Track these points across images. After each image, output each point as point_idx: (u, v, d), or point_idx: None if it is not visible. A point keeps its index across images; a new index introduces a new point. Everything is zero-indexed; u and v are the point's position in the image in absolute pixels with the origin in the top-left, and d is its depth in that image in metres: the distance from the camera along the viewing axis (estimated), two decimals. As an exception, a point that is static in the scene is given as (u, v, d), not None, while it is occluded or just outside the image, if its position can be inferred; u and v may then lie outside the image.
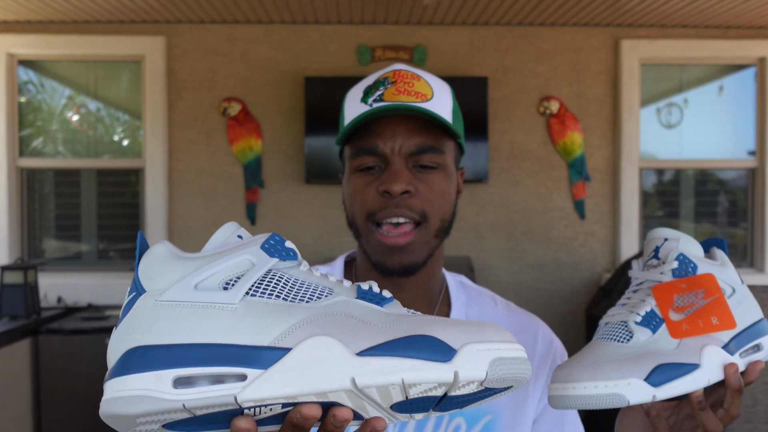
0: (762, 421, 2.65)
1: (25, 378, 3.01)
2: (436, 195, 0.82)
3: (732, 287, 0.71)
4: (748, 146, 3.87)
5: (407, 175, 0.80)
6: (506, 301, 0.96)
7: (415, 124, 0.81)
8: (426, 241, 0.82)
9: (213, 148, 3.68)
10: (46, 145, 3.77)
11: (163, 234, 3.64)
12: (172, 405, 0.44)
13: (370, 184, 0.82)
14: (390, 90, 0.81)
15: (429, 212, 0.82)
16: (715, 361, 0.66)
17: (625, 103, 3.71)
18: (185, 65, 3.66)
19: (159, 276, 0.49)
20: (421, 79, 0.83)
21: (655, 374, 0.64)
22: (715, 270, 0.71)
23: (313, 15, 3.55)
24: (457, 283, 0.95)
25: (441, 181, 0.83)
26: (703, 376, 0.65)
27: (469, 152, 3.61)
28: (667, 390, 0.64)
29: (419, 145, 0.81)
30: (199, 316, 0.46)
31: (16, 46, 3.61)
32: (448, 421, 0.83)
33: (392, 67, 0.86)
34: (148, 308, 0.47)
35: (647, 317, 0.68)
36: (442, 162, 0.83)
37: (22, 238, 3.71)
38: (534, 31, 3.73)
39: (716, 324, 0.67)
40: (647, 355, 0.65)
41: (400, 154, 0.81)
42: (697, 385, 0.65)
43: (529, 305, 3.62)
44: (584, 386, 0.63)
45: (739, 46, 3.73)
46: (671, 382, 0.64)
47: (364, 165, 0.82)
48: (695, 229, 3.93)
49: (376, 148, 0.81)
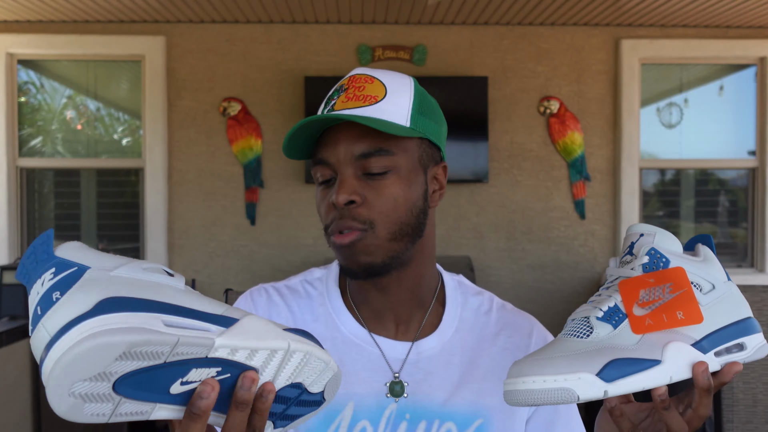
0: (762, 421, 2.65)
1: (25, 378, 3.01)
2: (385, 201, 0.79)
3: (712, 283, 0.67)
4: (748, 146, 3.86)
5: (352, 185, 0.79)
6: (503, 302, 0.95)
7: (359, 130, 0.79)
8: (377, 244, 0.79)
9: (213, 148, 3.68)
10: (46, 145, 3.77)
11: (163, 234, 3.64)
12: (167, 338, 0.49)
13: (325, 197, 0.82)
14: (341, 98, 0.80)
15: (376, 219, 0.79)
16: (681, 358, 0.62)
17: (626, 102, 3.71)
18: (185, 65, 3.66)
19: (97, 259, 0.53)
20: (374, 81, 0.82)
21: (609, 369, 0.61)
22: (692, 265, 0.67)
23: (313, 15, 3.54)
24: (455, 283, 0.94)
25: (392, 185, 0.80)
26: (664, 373, 0.62)
27: (469, 152, 3.61)
28: (621, 386, 0.61)
29: (363, 150, 0.79)
30: (155, 289, 0.53)
31: (16, 46, 3.60)
32: (438, 426, 0.83)
33: (351, 72, 0.85)
34: (104, 278, 0.51)
35: (609, 312, 0.65)
36: (392, 165, 0.80)
37: (21, 238, 3.71)
38: (534, 30, 3.73)
39: (682, 319, 0.64)
40: (604, 349, 0.62)
41: (345, 162, 0.79)
42: (656, 381, 0.62)
43: (529, 305, 3.62)
44: (533, 380, 0.61)
45: (740, 45, 3.73)
46: (626, 378, 0.61)
47: (321, 178, 0.82)
48: (695, 229, 3.93)
49: (323, 158, 0.81)
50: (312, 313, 0.89)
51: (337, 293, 0.90)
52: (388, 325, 0.88)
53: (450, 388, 0.84)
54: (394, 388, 0.83)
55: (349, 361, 0.84)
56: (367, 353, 0.85)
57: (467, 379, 0.86)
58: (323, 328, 0.87)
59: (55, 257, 0.52)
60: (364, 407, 0.82)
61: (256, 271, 3.69)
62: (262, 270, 3.69)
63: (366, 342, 0.86)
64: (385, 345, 0.86)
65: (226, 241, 3.70)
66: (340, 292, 0.90)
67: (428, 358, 0.86)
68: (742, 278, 3.74)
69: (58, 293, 0.50)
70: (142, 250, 3.72)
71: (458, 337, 0.89)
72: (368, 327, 0.87)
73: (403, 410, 0.82)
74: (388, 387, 0.83)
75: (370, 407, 0.82)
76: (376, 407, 0.82)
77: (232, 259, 3.70)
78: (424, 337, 0.87)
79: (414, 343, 0.87)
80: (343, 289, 0.91)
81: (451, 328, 0.89)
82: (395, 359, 0.85)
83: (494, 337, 0.90)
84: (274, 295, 0.91)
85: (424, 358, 0.85)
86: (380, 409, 0.82)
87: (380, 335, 0.87)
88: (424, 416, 0.83)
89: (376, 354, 0.85)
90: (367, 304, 0.88)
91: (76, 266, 0.52)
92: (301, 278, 0.94)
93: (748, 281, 3.74)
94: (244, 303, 0.91)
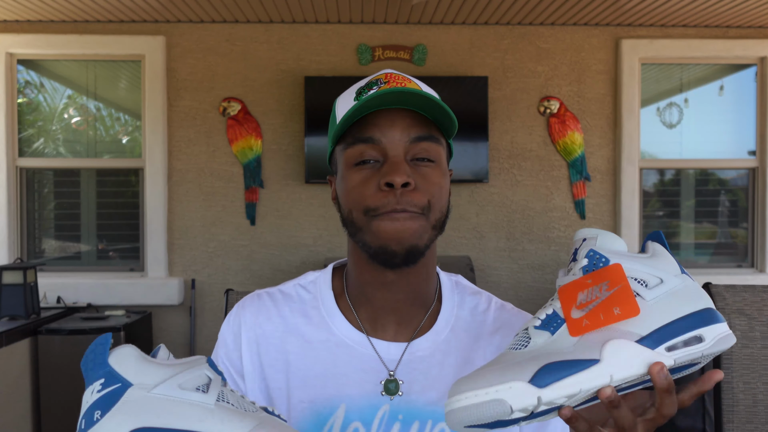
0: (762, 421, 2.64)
1: (25, 378, 3.01)
2: (435, 187, 0.81)
3: (660, 278, 0.64)
4: (748, 146, 3.86)
5: (407, 168, 0.79)
6: (502, 302, 0.94)
7: (412, 117, 0.81)
8: (426, 228, 0.80)
9: (213, 147, 3.68)
10: (46, 145, 3.77)
11: (163, 234, 3.64)
12: None
13: (368, 178, 0.80)
14: (384, 89, 0.80)
15: (431, 204, 0.80)
16: (622, 356, 0.59)
17: (626, 102, 3.70)
18: (185, 65, 3.66)
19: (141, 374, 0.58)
20: (412, 81, 0.84)
21: (542, 374, 0.58)
22: (635, 261, 0.64)
23: (313, 15, 3.54)
24: (452, 283, 0.94)
25: (437, 174, 0.82)
26: (603, 372, 0.58)
27: (469, 152, 3.61)
28: (555, 390, 0.58)
29: (419, 134, 0.80)
30: (186, 412, 0.57)
31: (15, 46, 3.60)
32: (432, 427, 0.82)
33: (383, 71, 0.85)
34: (141, 400, 0.57)
35: (547, 320, 0.64)
36: (438, 156, 0.83)
37: (21, 238, 3.71)
38: (534, 30, 3.73)
39: (618, 314, 0.61)
40: (539, 356, 0.60)
41: (400, 144, 0.80)
42: (595, 382, 0.58)
43: (529, 305, 3.62)
44: (466, 396, 0.59)
45: (740, 45, 3.73)
46: (561, 381, 0.58)
47: (361, 158, 0.80)
48: (695, 229, 3.93)
49: (373, 136, 0.80)
50: (304, 316, 0.89)
51: (330, 295, 0.90)
52: (387, 326, 0.87)
53: (444, 388, 0.83)
54: (388, 386, 0.83)
55: (342, 362, 0.84)
56: (359, 354, 0.85)
57: None
58: (315, 331, 0.87)
59: (107, 366, 0.58)
60: (356, 408, 0.82)
61: (256, 271, 3.69)
62: (262, 270, 3.69)
63: (359, 344, 0.85)
64: (379, 346, 0.85)
65: (226, 241, 3.70)
66: (333, 295, 0.90)
67: (422, 358, 0.85)
68: (742, 278, 3.74)
69: (99, 413, 0.56)
70: (142, 250, 3.72)
71: (454, 336, 0.88)
72: (365, 328, 0.87)
73: (396, 411, 0.82)
74: (383, 385, 0.83)
75: (362, 408, 0.82)
76: (369, 408, 0.82)
77: (232, 259, 3.70)
78: (419, 337, 0.87)
79: (409, 343, 0.86)
80: (338, 291, 0.91)
81: (446, 327, 0.88)
82: (390, 360, 0.85)
83: (491, 337, 0.89)
84: (267, 300, 0.91)
85: (417, 358, 0.85)
86: (373, 409, 0.82)
87: (376, 337, 0.86)
88: (417, 416, 0.82)
89: (369, 355, 0.85)
90: (369, 303, 0.87)
91: (120, 382, 0.57)
92: (294, 282, 0.94)
93: (748, 281, 3.74)
94: (235, 312, 0.91)
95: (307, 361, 0.85)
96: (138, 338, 3.35)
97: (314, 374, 0.84)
